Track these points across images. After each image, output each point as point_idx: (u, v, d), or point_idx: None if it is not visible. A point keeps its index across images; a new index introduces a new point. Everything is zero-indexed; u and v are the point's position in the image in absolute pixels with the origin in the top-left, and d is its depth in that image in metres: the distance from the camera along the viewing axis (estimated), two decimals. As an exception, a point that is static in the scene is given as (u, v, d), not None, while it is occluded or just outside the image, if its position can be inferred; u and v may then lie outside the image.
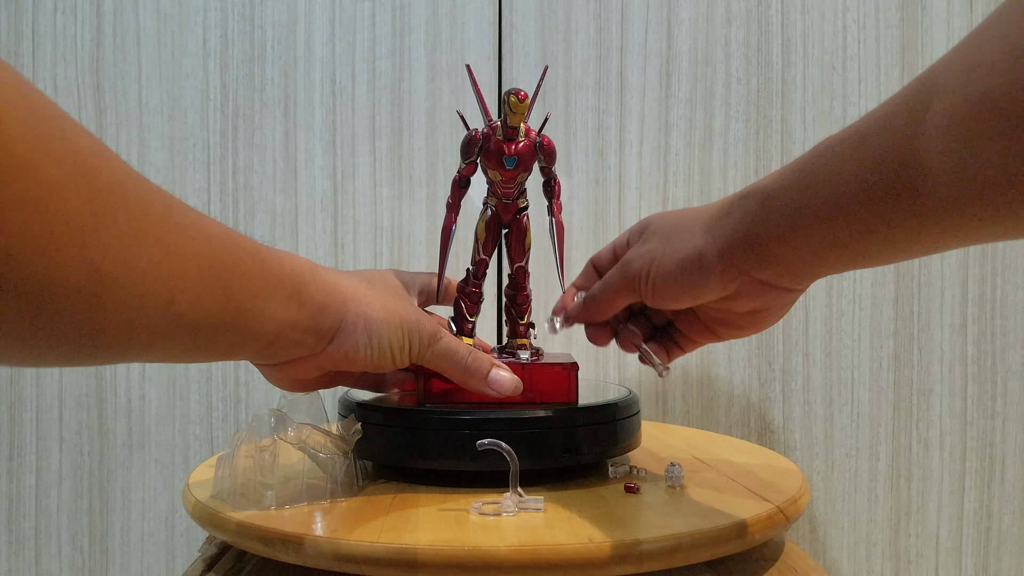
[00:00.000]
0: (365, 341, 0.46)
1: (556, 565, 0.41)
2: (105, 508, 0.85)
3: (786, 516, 0.49)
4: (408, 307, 0.50)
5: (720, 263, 0.46)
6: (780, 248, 0.43)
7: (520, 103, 0.53)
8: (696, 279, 0.47)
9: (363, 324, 0.46)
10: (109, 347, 0.31)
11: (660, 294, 0.50)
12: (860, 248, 0.39)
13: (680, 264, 0.47)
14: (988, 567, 0.87)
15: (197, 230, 0.34)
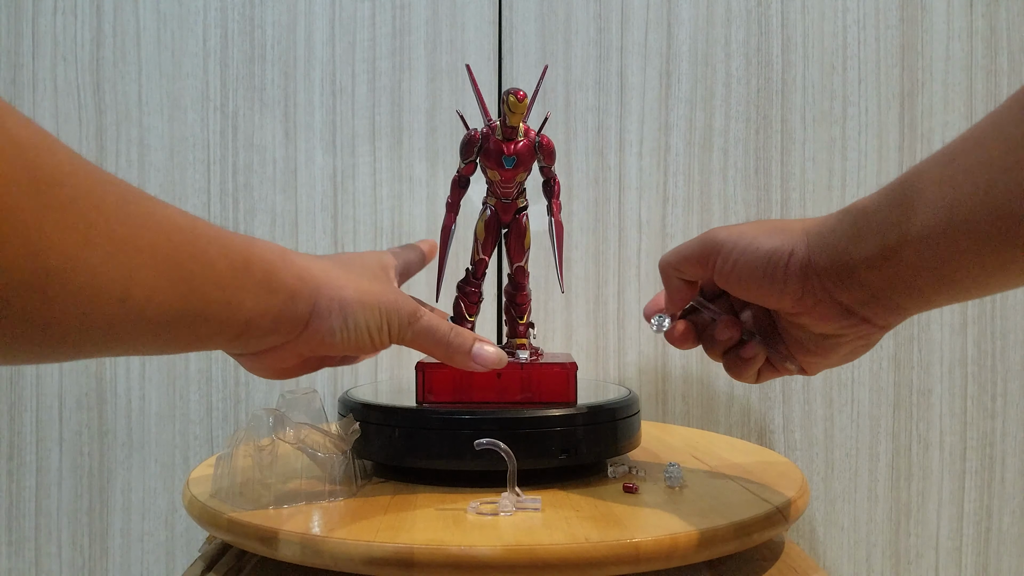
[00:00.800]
0: (340, 324, 0.45)
1: (553, 565, 0.41)
2: (105, 508, 0.85)
3: (785, 516, 0.49)
4: (385, 287, 0.49)
5: (801, 271, 0.43)
6: (866, 270, 0.41)
7: (519, 103, 0.53)
8: (775, 277, 0.44)
9: (337, 308, 0.45)
10: (63, 342, 0.31)
11: (735, 274, 0.46)
12: (949, 273, 0.37)
13: (769, 254, 0.44)
14: (988, 567, 0.87)
15: (155, 221, 0.33)
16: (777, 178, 0.86)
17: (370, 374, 0.86)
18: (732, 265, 0.46)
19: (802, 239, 0.44)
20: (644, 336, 0.86)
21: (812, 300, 0.44)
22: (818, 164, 0.86)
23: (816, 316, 0.45)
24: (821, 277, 0.43)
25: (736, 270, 0.46)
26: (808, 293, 0.44)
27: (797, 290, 0.44)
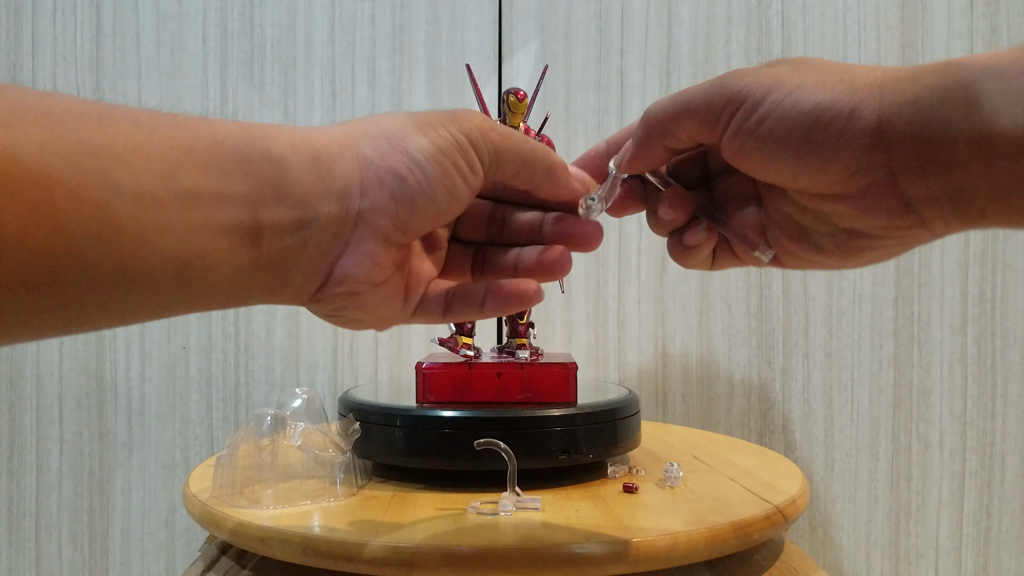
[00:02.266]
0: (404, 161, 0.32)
1: (553, 565, 0.41)
2: (105, 508, 0.85)
3: (785, 516, 0.49)
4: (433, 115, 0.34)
5: (872, 136, 0.30)
6: (970, 158, 0.28)
7: (519, 102, 0.53)
8: (827, 142, 0.31)
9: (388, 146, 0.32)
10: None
11: (761, 138, 0.32)
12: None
13: (816, 109, 0.31)
14: (988, 567, 0.87)
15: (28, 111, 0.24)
16: (777, 178, 0.86)
17: (370, 374, 0.86)
18: (758, 123, 0.32)
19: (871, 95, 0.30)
20: (644, 336, 0.86)
21: (867, 182, 0.31)
22: (818, 164, 0.86)
23: (861, 206, 0.32)
24: (893, 152, 0.30)
25: (763, 131, 0.32)
26: (864, 172, 0.31)
27: (851, 166, 0.31)
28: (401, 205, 0.32)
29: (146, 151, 0.26)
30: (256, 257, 0.30)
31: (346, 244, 0.32)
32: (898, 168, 0.30)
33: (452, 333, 0.60)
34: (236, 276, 0.29)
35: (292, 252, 0.31)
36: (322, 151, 0.31)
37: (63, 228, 0.24)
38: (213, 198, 0.28)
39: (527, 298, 0.37)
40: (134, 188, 0.25)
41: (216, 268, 0.28)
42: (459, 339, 0.59)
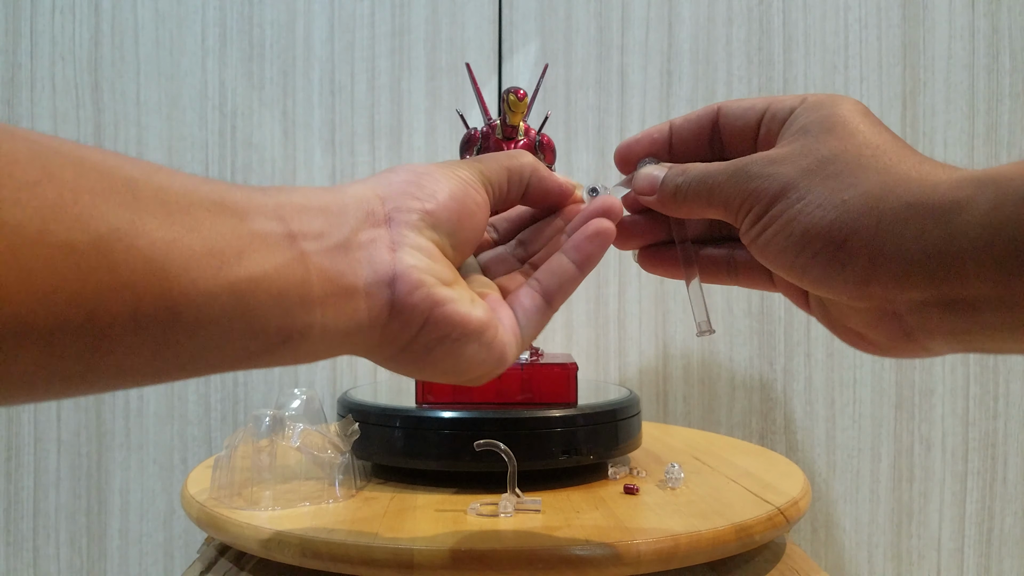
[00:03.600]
0: (415, 190, 0.33)
1: (553, 567, 0.41)
2: (103, 509, 0.85)
3: (787, 517, 0.48)
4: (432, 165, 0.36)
5: (866, 269, 0.29)
6: (983, 284, 0.27)
7: (519, 102, 0.53)
8: (821, 267, 0.30)
9: (403, 186, 0.33)
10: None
11: (768, 250, 0.32)
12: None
13: (806, 235, 0.30)
14: (990, 568, 0.87)
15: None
16: (778, 177, 0.86)
17: (370, 374, 0.86)
18: (761, 236, 0.32)
19: (870, 219, 0.29)
20: (644, 336, 0.86)
21: (866, 304, 0.31)
22: (819, 163, 0.86)
23: (860, 317, 0.32)
24: (894, 283, 0.29)
25: (767, 246, 0.32)
26: (862, 297, 0.30)
27: (851, 290, 0.30)
28: (422, 200, 0.32)
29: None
30: (303, 263, 0.29)
31: (390, 241, 0.31)
32: (902, 300, 0.29)
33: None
34: (296, 291, 0.28)
35: (340, 253, 0.30)
36: (332, 189, 0.32)
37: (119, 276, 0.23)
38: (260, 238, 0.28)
39: (606, 231, 0.36)
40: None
41: (271, 286, 0.27)
42: None
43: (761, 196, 0.32)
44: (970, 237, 0.26)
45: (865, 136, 0.31)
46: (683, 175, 0.36)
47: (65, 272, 0.22)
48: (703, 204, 0.35)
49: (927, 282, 0.28)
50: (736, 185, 0.33)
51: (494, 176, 0.36)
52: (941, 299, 0.28)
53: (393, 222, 0.32)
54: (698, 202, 0.35)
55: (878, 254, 0.29)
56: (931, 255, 0.27)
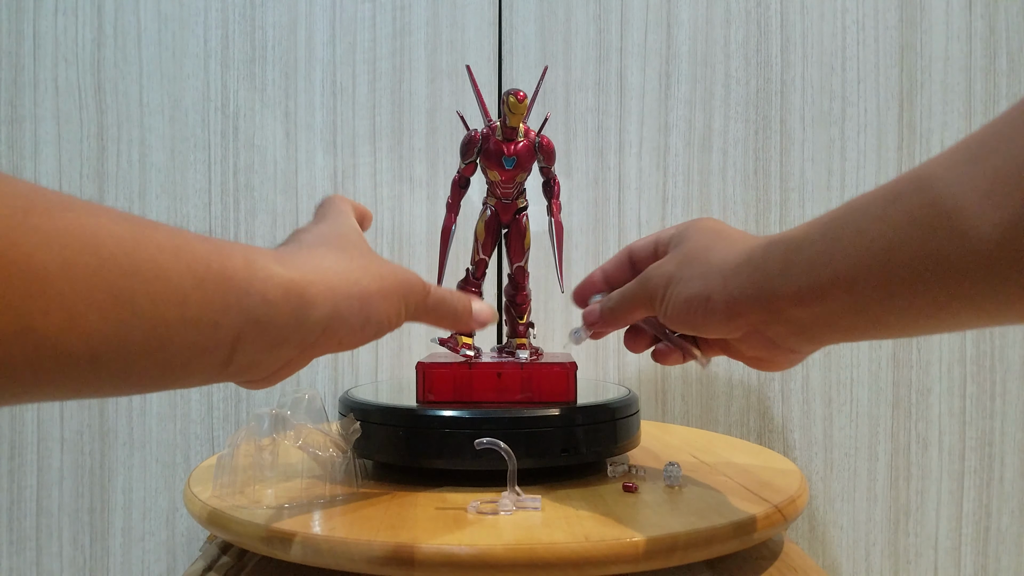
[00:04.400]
0: (361, 322, 0.41)
1: (553, 564, 0.41)
2: (106, 507, 0.85)
3: (785, 516, 0.49)
4: (391, 266, 0.44)
5: (725, 310, 0.44)
6: (793, 306, 0.40)
7: (519, 103, 0.54)
8: (700, 318, 0.45)
9: (358, 305, 0.40)
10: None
11: (670, 319, 0.48)
12: (877, 315, 0.36)
13: (688, 301, 0.46)
14: (987, 566, 0.87)
15: (71, 235, 0.28)
16: (776, 178, 0.87)
17: (370, 374, 0.87)
18: (665, 312, 0.48)
19: (719, 278, 0.44)
20: (644, 336, 0.87)
21: (739, 334, 0.45)
22: (817, 164, 0.87)
23: (746, 345, 0.47)
24: (744, 314, 0.43)
25: (670, 317, 0.47)
26: (735, 330, 0.44)
27: (722, 328, 0.45)
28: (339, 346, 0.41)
29: (167, 279, 0.31)
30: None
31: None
32: (755, 323, 0.43)
33: (452, 333, 0.60)
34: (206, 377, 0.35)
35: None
36: (305, 297, 0.37)
37: (89, 334, 0.28)
38: (209, 326, 0.33)
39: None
40: (151, 313, 0.30)
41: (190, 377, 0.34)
42: (459, 339, 0.59)
43: (658, 287, 0.48)
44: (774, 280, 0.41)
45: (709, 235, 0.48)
46: (609, 299, 0.53)
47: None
48: (629, 310, 0.51)
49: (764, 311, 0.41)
50: (643, 288, 0.49)
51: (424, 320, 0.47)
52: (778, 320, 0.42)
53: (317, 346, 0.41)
54: (624, 310, 0.51)
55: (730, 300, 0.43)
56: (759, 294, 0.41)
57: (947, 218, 0.32)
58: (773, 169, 0.87)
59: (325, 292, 0.39)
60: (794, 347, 0.45)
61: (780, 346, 0.45)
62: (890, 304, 0.35)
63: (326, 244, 0.43)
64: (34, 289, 0.26)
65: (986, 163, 0.31)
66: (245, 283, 0.34)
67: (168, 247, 0.31)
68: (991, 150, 0.31)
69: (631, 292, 0.51)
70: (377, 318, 0.42)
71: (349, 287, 0.40)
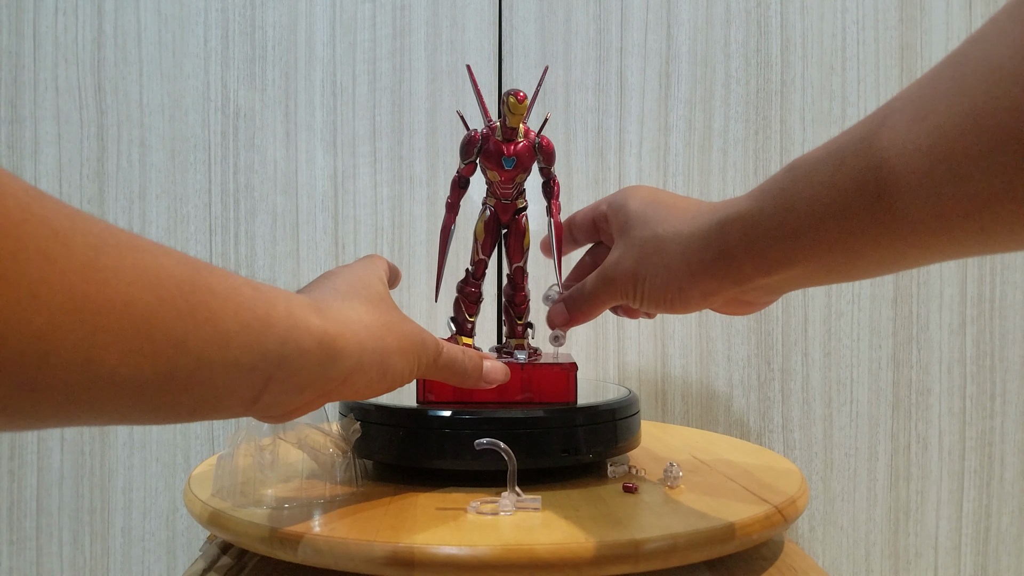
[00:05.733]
0: (379, 376, 0.43)
1: (553, 565, 0.41)
2: (106, 507, 0.85)
3: (785, 516, 0.49)
4: (412, 325, 0.47)
5: (700, 293, 0.46)
6: (762, 276, 0.42)
7: (519, 104, 0.54)
8: (679, 305, 0.48)
9: (379, 360, 0.43)
10: (16, 414, 0.27)
11: (648, 309, 0.51)
12: (843, 271, 0.39)
13: (661, 293, 0.48)
14: (987, 567, 0.87)
15: (135, 273, 0.29)
16: (776, 178, 0.86)
17: (370, 374, 0.87)
18: (641, 303, 0.51)
19: (682, 263, 0.47)
20: (644, 336, 0.87)
21: (716, 305, 0.49)
22: (817, 164, 0.86)
23: (722, 306, 0.50)
24: (718, 292, 0.46)
25: (646, 306, 0.51)
26: (710, 302, 0.48)
27: (698, 304, 0.48)
28: (355, 396, 0.43)
29: (216, 322, 0.33)
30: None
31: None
32: (727, 292, 0.46)
33: (452, 333, 0.60)
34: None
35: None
36: (335, 347, 0.39)
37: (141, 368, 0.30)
38: (247, 368, 0.35)
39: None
40: (198, 353, 0.32)
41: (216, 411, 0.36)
42: (459, 339, 0.59)
43: (626, 285, 0.51)
44: (739, 257, 0.43)
45: (650, 210, 0.51)
46: (573, 299, 0.57)
47: None
48: (598, 305, 0.55)
49: (734, 286, 0.44)
50: (608, 287, 0.53)
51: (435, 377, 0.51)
52: (748, 289, 0.45)
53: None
54: (593, 306, 0.56)
55: (701, 286, 0.46)
56: (726, 273, 0.44)
57: (891, 175, 0.33)
58: (773, 169, 0.86)
59: (353, 345, 0.41)
60: (763, 300, 0.49)
61: (751, 303, 0.49)
62: (851, 259, 0.37)
63: (357, 296, 0.45)
64: (100, 323, 0.28)
65: (927, 121, 0.31)
66: (284, 331, 0.36)
67: (220, 291, 0.33)
68: (931, 109, 0.31)
69: (596, 291, 0.54)
70: (393, 374, 0.44)
71: (375, 343, 0.42)
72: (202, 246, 0.85)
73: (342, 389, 0.41)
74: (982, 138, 0.29)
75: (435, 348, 0.48)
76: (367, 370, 0.42)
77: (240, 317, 0.34)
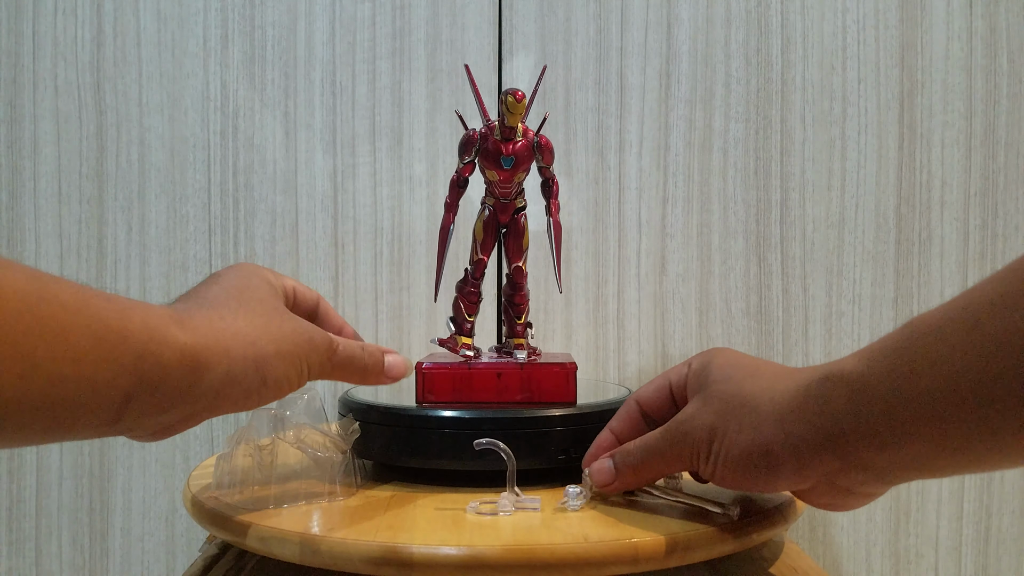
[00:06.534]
0: (258, 384, 0.41)
1: (552, 565, 0.41)
2: (105, 508, 0.85)
3: (785, 516, 0.49)
4: (295, 324, 0.44)
5: (795, 463, 0.38)
6: (872, 452, 0.35)
7: (517, 103, 0.53)
8: (764, 476, 0.40)
9: (253, 367, 0.40)
10: None
11: (723, 479, 0.42)
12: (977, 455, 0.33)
13: (745, 456, 0.40)
14: (988, 567, 0.87)
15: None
16: (777, 178, 0.86)
17: (370, 374, 0.86)
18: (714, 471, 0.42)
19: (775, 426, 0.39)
20: (644, 336, 0.87)
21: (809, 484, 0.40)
22: (818, 164, 0.86)
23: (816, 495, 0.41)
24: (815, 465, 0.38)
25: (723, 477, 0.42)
26: (804, 481, 0.39)
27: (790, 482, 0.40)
28: (234, 407, 0.41)
29: (67, 336, 0.31)
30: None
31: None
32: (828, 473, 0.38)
33: (452, 333, 0.60)
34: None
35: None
36: (199, 360, 0.37)
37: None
38: (102, 384, 0.33)
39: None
40: (49, 369, 0.30)
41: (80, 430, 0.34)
42: (459, 339, 0.59)
43: (699, 443, 0.42)
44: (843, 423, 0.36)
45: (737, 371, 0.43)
46: (628, 454, 0.47)
47: None
48: (657, 468, 0.46)
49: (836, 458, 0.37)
50: (677, 445, 0.44)
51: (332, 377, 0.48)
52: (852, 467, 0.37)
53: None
54: (651, 469, 0.46)
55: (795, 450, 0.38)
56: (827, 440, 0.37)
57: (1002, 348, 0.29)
58: (773, 169, 0.86)
59: (220, 355, 0.38)
60: (870, 492, 0.40)
61: (853, 492, 0.40)
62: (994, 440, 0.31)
63: (228, 301, 0.42)
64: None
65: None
66: (141, 345, 0.34)
67: (71, 305, 0.32)
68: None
69: (659, 448, 0.45)
70: (275, 379, 0.42)
71: (245, 349, 0.40)
72: (201, 246, 0.85)
73: (218, 403, 0.39)
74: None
75: (327, 346, 0.45)
76: (240, 380, 0.39)
77: (93, 330, 0.32)
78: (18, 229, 0.85)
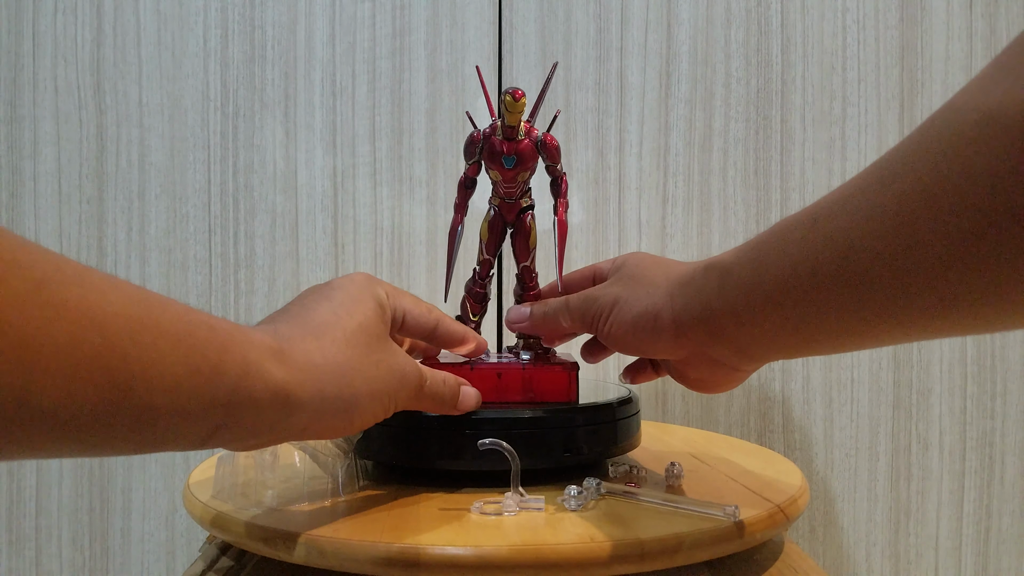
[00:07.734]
0: (345, 424, 0.42)
1: (557, 564, 0.41)
2: (106, 508, 0.85)
3: (786, 516, 0.49)
4: (390, 360, 0.44)
5: (673, 329, 0.46)
6: (733, 327, 0.43)
7: (515, 102, 0.53)
8: (648, 336, 0.47)
9: (344, 407, 0.41)
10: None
11: (614, 340, 0.50)
12: (810, 334, 0.39)
13: (636, 318, 0.48)
14: (988, 567, 0.87)
15: (80, 312, 0.28)
16: (777, 178, 0.87)
17: (370, 374, 0.86)
18: (609, 332, 0.50)
19: (666, 296, 0.47)
20: (644, 336, 0.87)
21: (684, 352, 0.47)
22: (818, 164, 0.87)
23: (691, 367, 0.49)
24: (689, 333, 0.45)
25: (613, 337, 0.50)
26: (680, 348, 0.47)
27: (669, 346, 0.47)
28: (318, 438, 0.46)
29: (163, 366, 0.32)
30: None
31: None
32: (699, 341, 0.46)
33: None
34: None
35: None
36: (291, 399, 0.38)
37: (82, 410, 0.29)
38: (194, 414, 0.34)
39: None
40: (143, 398, 0.31)
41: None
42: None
43: (603, 307, 0.50)
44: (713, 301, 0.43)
45: (648, 260, 0.52)
46: (543, 304, 0.56)
47: None
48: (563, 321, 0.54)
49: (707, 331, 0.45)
50: (585, 305, 0.52)
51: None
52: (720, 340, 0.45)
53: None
54: (557, 321, 0.55)
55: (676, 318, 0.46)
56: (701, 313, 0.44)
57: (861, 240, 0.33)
58: (774, 169, 0.87)
59: (312, 395, 0.39)
60: (736, 365, 0.47)
61: (723, 365, 0.47)
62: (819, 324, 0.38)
63: (330, 330, 0.42)
64: (38, 365, 0.27)
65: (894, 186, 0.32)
66: (235, 379, 0.34)
67: (172, 334, 0.32)
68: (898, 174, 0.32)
69: (570, 305, 0.53)
70: (362, 417, 0.43)
71: (340, 390, 0.40)
72: (201, 246, 0.85)
73: (303, 435, 0.41)
74: (939, 204, 0.29)
75: (417, 382, 0.46)
76: (328, 419, 0.40)
77: (190, 362, 0.32)
78: (18, 229, 0.84)
